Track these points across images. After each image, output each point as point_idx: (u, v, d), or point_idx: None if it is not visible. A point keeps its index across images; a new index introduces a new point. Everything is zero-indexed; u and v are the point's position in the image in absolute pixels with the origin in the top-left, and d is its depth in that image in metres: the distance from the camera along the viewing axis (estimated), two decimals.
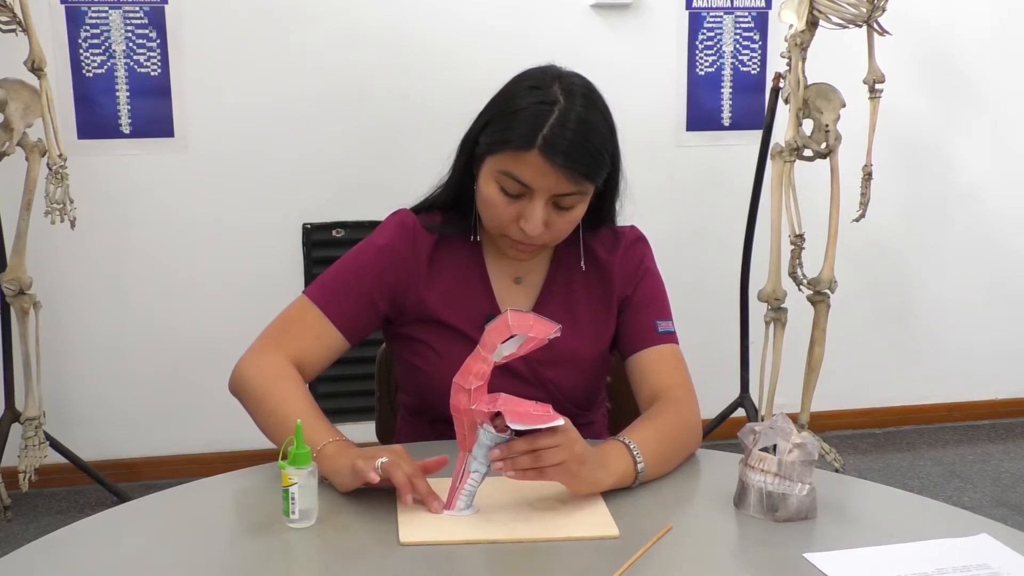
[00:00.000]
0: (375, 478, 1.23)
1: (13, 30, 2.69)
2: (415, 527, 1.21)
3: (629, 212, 1.60)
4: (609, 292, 1.59)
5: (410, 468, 1.26)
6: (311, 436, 1.30)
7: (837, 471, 2.84)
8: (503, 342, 1.22)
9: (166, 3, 3.09)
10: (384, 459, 1.24)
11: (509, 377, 1.48)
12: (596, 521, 1.24)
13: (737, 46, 3.45)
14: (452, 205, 1.56)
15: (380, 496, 1.28)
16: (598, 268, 1.59)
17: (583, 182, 1.41)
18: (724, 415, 3.35)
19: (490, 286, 1.57)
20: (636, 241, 1.62)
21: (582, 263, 1.57)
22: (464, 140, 1.51)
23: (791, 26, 2.91)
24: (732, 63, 3.45)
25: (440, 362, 1.53)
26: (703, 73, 3.45)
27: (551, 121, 1.38)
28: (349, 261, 1.55)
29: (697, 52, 3.43)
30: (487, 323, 1.25)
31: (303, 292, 1.55)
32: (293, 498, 1.20)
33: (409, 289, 1.54)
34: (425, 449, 1.52)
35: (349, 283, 1.53)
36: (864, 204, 2.98)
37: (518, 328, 1.22)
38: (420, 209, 1.59)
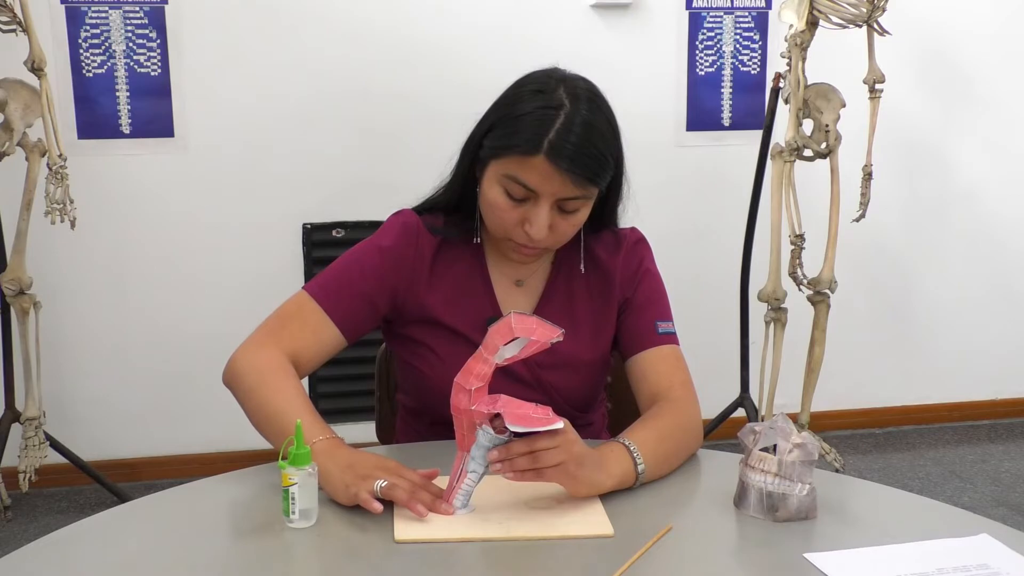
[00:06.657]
0: (378, 509, 1.22)
1: (13, 30, 2.69)
2: (410, 525, 1.21)
3: (630, 212, 1.60)
4: (610, 295, 1.58)
5: (408, 483, 1.25)
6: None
7: (837, 471, 2.84)
8: (505, 344, 1.22)
9: (166, 3, 3.09)
10: (382, 482, 1.24)
11: (508, 379, 1.47)
12: (591, 520, 1.24)
13: (737, 46, 3.45)
14: (454, 207, 1.55)
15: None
16: (599, 271, 1.59)
17: (588, 186, 1.41)
18: (724, 415, 3.35)
19: (491, 288, 1.56)
20: (637, 243, 1.62)
21: (581, 266, 1.57)
22: (467, 143, 1.50)
23: (791, 26, 2.91)
24: (732, 63, 3.45)
25: (440, 364, 1.52)
26: (703, 73, 3.45)
27: (556, 126, 1.37)
28: (351, 260, 1.54)
29: (697, 52, 3.43)
30: (488, 326, 1.24)
31: (303, 287, 1.54)
32: (293, 498, 1.20)
33: (410, 291, 1.54)
34: (424, 450, 1.53)
35: (351, 282, 1.52)
36: (864, 204, 2.98)
37: (521, 331, 1.22)
38: (422, 210, 1.59)
